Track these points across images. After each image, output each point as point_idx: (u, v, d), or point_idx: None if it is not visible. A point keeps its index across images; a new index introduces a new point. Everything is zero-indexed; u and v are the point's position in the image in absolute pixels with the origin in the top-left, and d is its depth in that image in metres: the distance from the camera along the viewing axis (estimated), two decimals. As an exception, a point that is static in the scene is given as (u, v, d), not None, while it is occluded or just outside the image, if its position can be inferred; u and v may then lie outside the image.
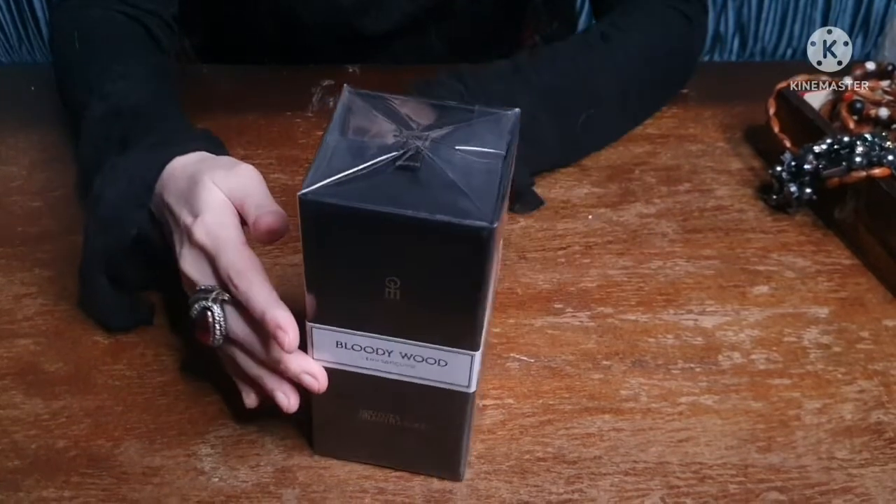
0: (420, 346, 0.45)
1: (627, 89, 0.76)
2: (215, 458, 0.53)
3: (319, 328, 0.46)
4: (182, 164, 0.55)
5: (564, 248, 0.69)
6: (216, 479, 0.52)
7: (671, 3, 0.80)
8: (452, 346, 0.45)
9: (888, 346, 0.62)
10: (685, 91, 0.86)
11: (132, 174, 0.56)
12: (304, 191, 0.40)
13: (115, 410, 0.56)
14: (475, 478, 0.52)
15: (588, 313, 0.64)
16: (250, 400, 0.52)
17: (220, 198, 0.51)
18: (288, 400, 0.49)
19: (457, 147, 0.43)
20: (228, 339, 0.50)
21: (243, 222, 0.51)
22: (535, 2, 0.98)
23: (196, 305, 0.49)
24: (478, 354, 0.45)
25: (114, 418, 0.55)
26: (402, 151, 0.42)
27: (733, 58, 1.45)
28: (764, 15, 1.42)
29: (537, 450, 0.54)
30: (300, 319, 0.46)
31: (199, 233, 0.50)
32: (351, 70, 0.86)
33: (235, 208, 0.51)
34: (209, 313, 0.49)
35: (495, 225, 0.39)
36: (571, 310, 0.64)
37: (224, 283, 0.49)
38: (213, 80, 0.87)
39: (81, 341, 0.60)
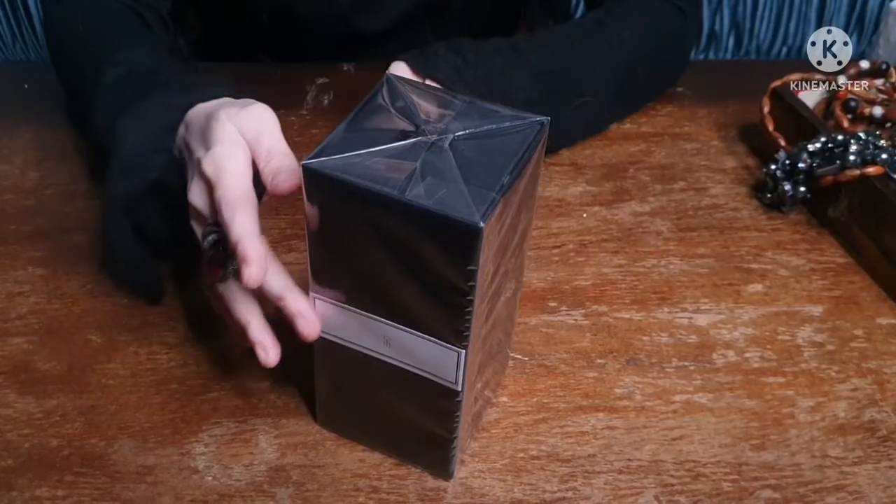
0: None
1: (622, 77, 0.77)
2: (209, 456, 0.53)
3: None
4: (204, 107, 0.54)
5: (559, 247, 0.69)
6: (210, 478, 0.52)
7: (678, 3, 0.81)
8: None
9: (881, 345, 0.62)
10: (680, 89, 0.86)
11: (154, 118, 0.56)
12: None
13: (109, 409, 0.55)
14: (469, 476, 0.52)
15: (582, 311, 0.64)
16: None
17: (232, 132, 0.50)
18: (266, 354, 0.49)
19: (470, 144, 0.43)
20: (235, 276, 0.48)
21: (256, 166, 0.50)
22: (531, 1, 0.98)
23: (208, 238, 0.48)
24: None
25: (107, 417, 0.55)
26: (416, 140, 0.42)
27: (728, 56, 1.45)
28: (759, 13, 1.42)
29: (531, 448, 0.54)
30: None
31: (207, 164, 0.49)
32: (346, 68, 0.86)
33: (248, 144, 0.50)
34: (221, 247, 0.48)
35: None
36: (566, 308, 0.64)
37: (214, 214, 0.48)
38: (208, 78, 0.87)
39: (74, 340, 0.60)
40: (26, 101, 0.84)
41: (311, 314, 0.47)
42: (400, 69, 0.66)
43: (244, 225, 0.46)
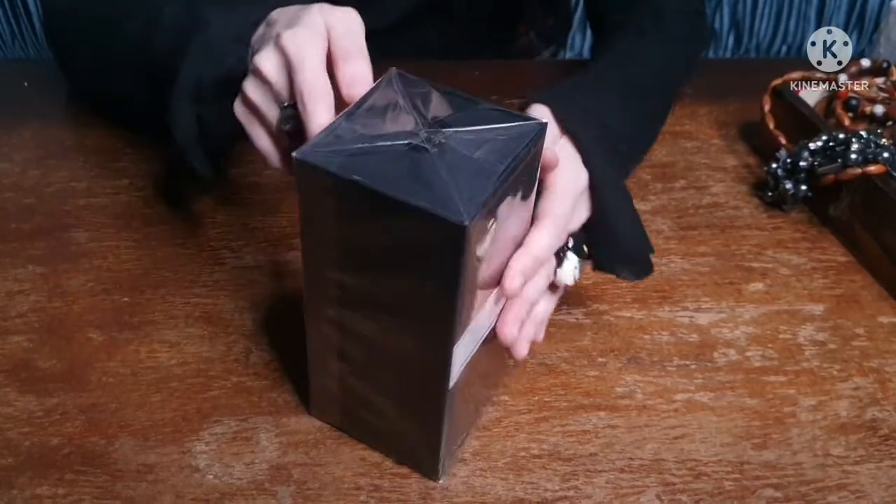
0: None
1: (675, 90, 0.77)
2: (210, 455, 0.53)
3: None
4: (292, 7, 0.54)
5: (560, 245, 0.69)
6: (211, 477, 0.52)
7: (694, 5, 0.80)
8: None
9: (883, 343, 0.62)
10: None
11: (241, 11, 0.56)
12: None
13: (109, 408, 0.55)
14: (471, 475, 0.52)
15: (583, 310, 0.64)
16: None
17: (319, 22, 0.50)
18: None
19: (465, 145, 0.43)
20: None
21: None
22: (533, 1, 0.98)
23: (288, 117, 0.49)
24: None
25: (108, 415, 0.55)
26: (408, 140, 0.42)
27: (728, 54, 1.45)
28: (759, 12, 1.42)
29: (533, 447, 0.54)
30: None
31: (288, 40, 0.49)
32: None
33: (332, 41, 0.50)
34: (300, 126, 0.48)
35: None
36: (567, 307, 0.64)
37: (293, 95, 0.48)
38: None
39: (75, 338, 0.60)
40: (26, 100, 0.84)
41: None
42: (540, 112, 0.57)
43: (322, 121, 0.46)
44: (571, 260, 0.53)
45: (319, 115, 0.46)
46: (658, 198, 0.74)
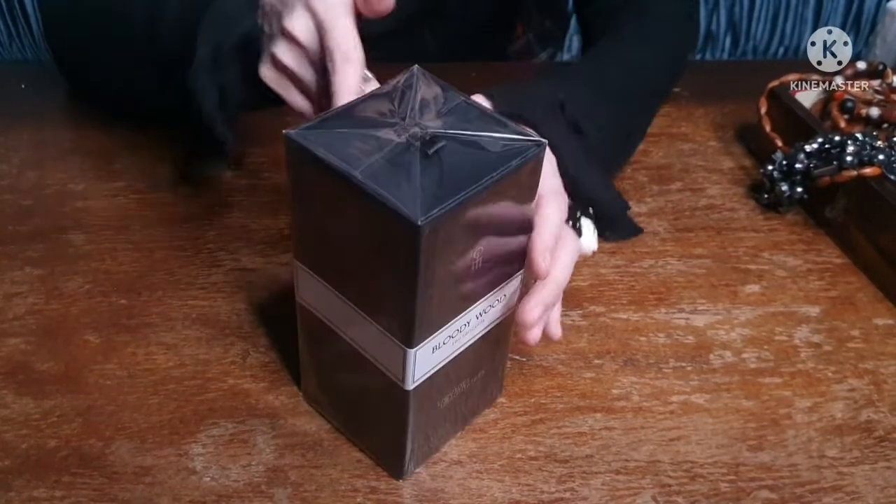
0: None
1: (664, 90, 0.77)
2: (207, 457, 0.53)
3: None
4: None
5: (556, 247, 0.69)
6: (208, 479, 0.52)
7: (684, 9, 0.80)
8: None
9: (878, 345, 0.62)
10: (676, 90, 0.86)
11: None
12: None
13: (107, 410, 0.55)
14: (467, 477, 0.52)
15: (580, 312, 0.64)
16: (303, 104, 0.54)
17: None
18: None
19: (457, 151, 0.42)
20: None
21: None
22: (527, 0, 0.98)
23: None
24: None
25: (105, 418, 0.55)
26: (401, 136, 0.43)
27: (725, 56, 1.45)
28: (756, 13, 1.42)
29: (529, 449, 0.54)
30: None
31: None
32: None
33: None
34: None
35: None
36: (563, 309, 0.63)
37: (324, 55, 0.49)
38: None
39: (72, 340, 0.60)
40: (24, 101, 0.84)
41: None
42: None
43: (351, 82, 0.47)
44: (588, 226, 0.52)
45: (349, 77, 0.47)
46: (654, 200, 0.74)
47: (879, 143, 0.68)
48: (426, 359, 0.45)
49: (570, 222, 0.52)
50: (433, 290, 0.42)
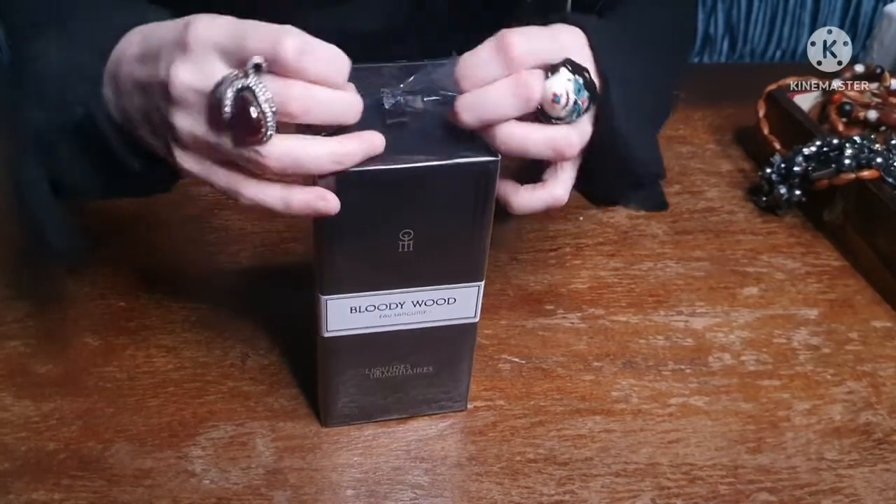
0: (431, 289, 0.48)
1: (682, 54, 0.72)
2: (206, 459, 0.53)
3: (333, 298, 0.47)
4: (147, 27, 0.43)
5: (555, 250, 0.69)
6: (207, 481, 0.52)
7: (683, 11, 0.79)
8: (462, 282, 0.48)
9: (877, 348, 0.62)
10: (675, 92, 0.86)
11: (81, 39, 0.44)
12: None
13: (106, 412, 0.55)
14: (466, 479, 0.52)
15: (579, 314, 0.64)
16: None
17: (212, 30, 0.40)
18: (327, 203, 0.42)
19: (427, 99, 0.45)
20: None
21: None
22: (523, 3, 0.97)
23: (227, 93, 0.38)
24: (483, 283, 0.49)
25: (104, 420, 0.55)
26: (385, 109, 0.44)
27: (723, 59, 1.45)
28: (753, 17, 1.42)
29: (528, 451, 0.54)
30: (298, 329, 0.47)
31: (199, 29, 0.38)
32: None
33: (234, 49, 0.39)
34: (250, 94, 0.38)
35: (499, 157, 0.43)
36: (562, 311, 0.64)
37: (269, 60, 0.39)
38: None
39: (72, 343, 0.60)
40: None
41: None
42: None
43: (300, 35, 0.38)
44: (563, 73, 0.45)
45: (293, 33, 0.39)
46: (653, 202, 0.74)
47: (877, 146, 0.68)
48: (342, 315, 0.48)
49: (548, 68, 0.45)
50: (339, 247, 0.45)
